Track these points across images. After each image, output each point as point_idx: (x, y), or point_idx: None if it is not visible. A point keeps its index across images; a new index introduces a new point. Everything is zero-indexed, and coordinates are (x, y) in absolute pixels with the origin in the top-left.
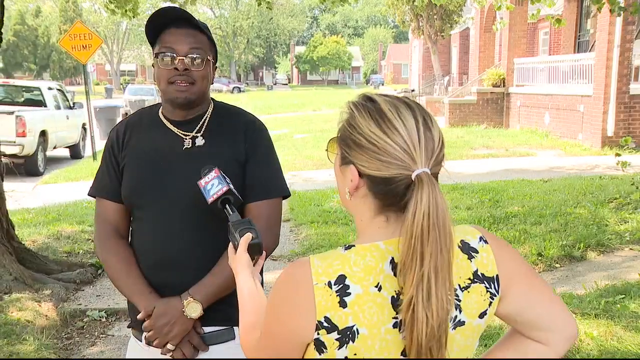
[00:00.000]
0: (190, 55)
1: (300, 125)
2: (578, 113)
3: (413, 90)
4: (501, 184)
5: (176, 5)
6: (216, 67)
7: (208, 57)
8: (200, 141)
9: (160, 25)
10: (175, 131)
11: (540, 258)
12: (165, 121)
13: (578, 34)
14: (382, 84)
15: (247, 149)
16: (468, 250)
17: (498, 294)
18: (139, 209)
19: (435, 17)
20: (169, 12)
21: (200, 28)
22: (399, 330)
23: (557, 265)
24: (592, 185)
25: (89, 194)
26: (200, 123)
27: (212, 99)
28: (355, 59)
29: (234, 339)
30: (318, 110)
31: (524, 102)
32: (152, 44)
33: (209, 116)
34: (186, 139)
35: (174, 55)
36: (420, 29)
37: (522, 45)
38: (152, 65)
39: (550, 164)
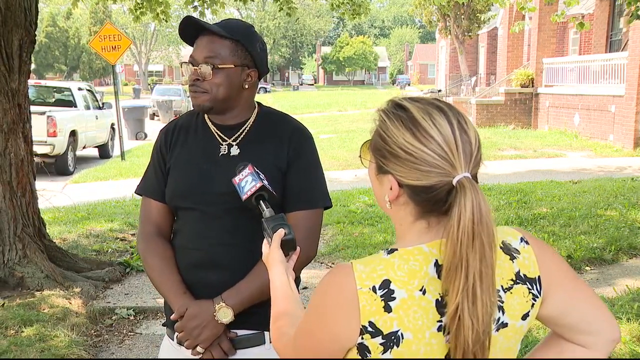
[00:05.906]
0: (201, 65)
1: (326, 125)
2: (609, 114)
3: (440, 91)
4: (529, 185)
5: (196, 14)
6: (249, 68)
7: (220, 65)
8: (235, 150)
9: (194, 36)
10: (216, 135)
11: (569, 260)
12: (209, 123)
13: (610, 33)
14: (409, 84)
15: (289, 157)
16: (510, 251)
17: (540, 295)
18: (182, 210)
19: (462, 17)
20: (185, 23)
21: (221, 34)
22: (444, 333)
23: (587, 268)
24: (624, 187)
25: (135, 192)
26: (240, 131)
27: (257, 103)
28: (382, 59)
29: (264, 344)
30: (344, 110)
31: (553, 103)
32: None
33: (250, 125)
34: (222, 144)
35: (191, 64)
36: (447, 28)
37: (551, 45)
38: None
39: (580, 165)
